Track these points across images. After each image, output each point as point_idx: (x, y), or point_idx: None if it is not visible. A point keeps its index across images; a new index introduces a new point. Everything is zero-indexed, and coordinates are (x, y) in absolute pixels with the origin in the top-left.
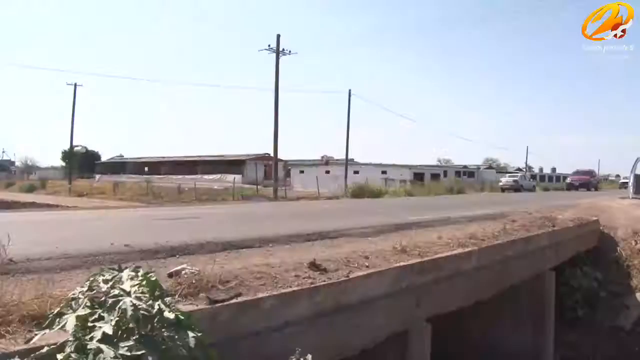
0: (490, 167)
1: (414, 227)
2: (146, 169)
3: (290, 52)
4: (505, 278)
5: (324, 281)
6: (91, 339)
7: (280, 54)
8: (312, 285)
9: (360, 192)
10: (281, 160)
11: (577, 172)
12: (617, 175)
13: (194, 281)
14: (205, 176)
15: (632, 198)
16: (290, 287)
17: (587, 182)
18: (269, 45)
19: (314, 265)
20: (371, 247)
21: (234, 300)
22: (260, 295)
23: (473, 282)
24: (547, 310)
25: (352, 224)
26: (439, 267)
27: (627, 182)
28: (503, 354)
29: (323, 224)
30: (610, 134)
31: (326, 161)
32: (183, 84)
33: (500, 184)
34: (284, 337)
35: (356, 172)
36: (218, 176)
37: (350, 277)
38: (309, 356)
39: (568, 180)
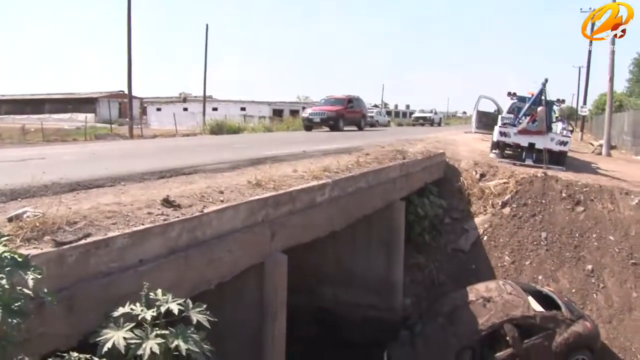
0: None
1: (270, 162)
2: None
3: None
4: (358, 208)
5: (178, 217)
6: None
7: None
8: (166, 222)
9: (218, 129)
10: (136, 98)
11: (327, 101)
12: (464, 112)
13: (37, 224)
14: (54, 116)
15: (475, 132)
16: (143, 224)
17: (337, 116)
18: None
19: (167, 202)
20: (226, 182)
21: (82, 241)
22: (111, 234)
23: (327, 213)
24: (398, 237)
25: (208, 160)
26: (294, 200)
27: (421, 118)
28: (359, 280)
29: (178, 161)
30: (463, 73)
31: (184, 98)
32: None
33: None
34: (138, 275)
35: (215, 109)
36: (68, 115)
37: (205, 212)
38: (159, 291)
39: (306, 113)
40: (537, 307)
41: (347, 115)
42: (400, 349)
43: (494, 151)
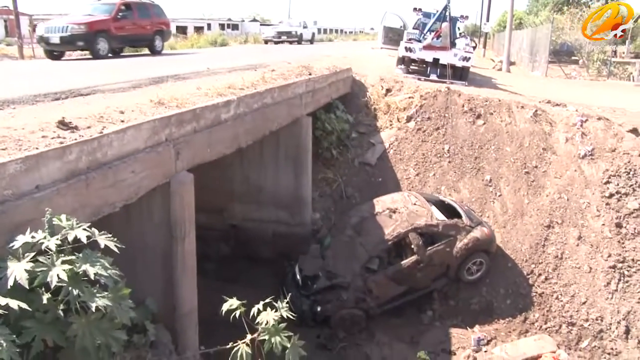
0: (254, 20)
1: (173, 80)
2: None
3: None
4: (264, 125)
5: (75, 139)
6: None
7: None
8: (62, 145)
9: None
10: (25, 15)
11: (95, 8)
12: (372, 28)
13: None
14: None
15: (382, 48)
16: (37, 148)
17: (92, 33)
18: None
19: (63, 124)
20: (127, 101)
21: None
22: (1, 160)
23: (233, 130)
24: (305, 153)
25: (108, 79)
26: (198, 117)
27: (284, 33)
28: (268, 196)
29: (75, 82)
30: None
31: None
32: None
33: (263, 35)
34: (36, 202)
35: None
36: None
37: (104, 132)
38: (63, 216)
39: (41, 30)
40: (439, 216)
41: (116, 31)
42: (310, 261)
43: (399, 66)
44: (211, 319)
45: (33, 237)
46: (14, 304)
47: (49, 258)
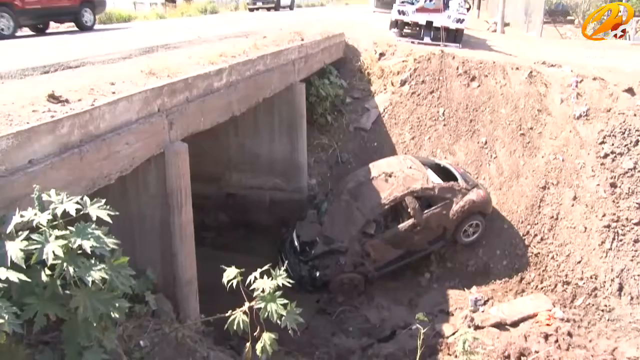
0: None
1: (163, 49)
2: None
3: None
4: (257, 92)
5: (67, 113)
6: None
7: None
8: (54, 119)
9: (106, 18)
10: None
11: None
12: None
13: None
14: None
15: (374, 12)
16: (28, 123)
17: None
18: None
19: (53, 97)
20: (117, 72)
21: None
22: None
23: (226, 98)
24: (300, 119)
25: (96, 52)
26: (190, 87)
27: None
28: (264, 164)
29: (62, 54)
30: None
31: None
32: None
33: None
34: (30, 177)
35: None
36: None
37: (96, 105)
38: (52, 191)
39: None
40: (435, 179)
41: (24, 4)
42: (308, 227)
43: (392, 30)
44: (211, 287)
45: (22, 215)
46: (14, 276)
47: (42, 234)
